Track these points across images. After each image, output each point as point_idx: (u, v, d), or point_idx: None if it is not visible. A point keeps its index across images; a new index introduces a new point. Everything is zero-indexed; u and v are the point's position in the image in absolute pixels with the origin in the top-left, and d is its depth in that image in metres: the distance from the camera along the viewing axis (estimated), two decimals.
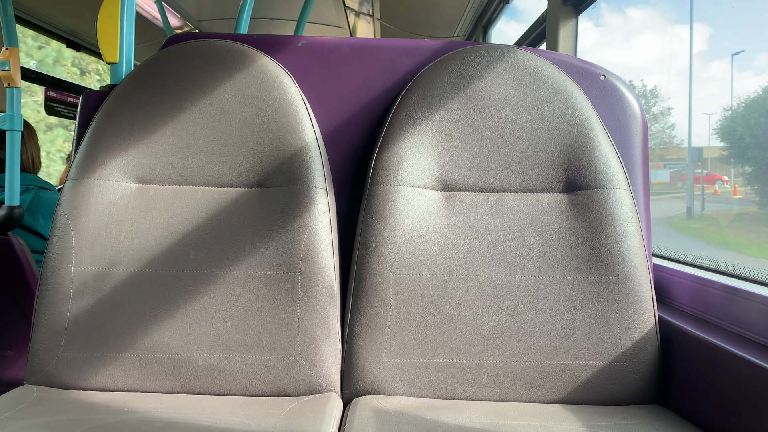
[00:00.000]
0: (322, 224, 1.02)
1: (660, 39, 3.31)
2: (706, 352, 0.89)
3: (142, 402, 0.92)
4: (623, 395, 0.97)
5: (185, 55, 1.09)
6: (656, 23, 3.51)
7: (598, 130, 1.05)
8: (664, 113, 2.65)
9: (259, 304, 0.99)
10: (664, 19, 3.49)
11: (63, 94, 3.39)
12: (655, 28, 3.43)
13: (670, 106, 2.61)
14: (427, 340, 0.99)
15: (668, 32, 3.27)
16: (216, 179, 1.05)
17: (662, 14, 3.45)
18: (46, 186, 1.95)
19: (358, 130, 1.15)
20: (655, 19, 3.45)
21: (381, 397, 0.98)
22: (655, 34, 3.33)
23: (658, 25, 3.50)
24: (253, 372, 0.98)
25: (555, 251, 1.01)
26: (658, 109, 2.67)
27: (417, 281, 1.00)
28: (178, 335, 0.98)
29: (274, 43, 1.16)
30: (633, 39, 3.56)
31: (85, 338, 0.97)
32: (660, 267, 1.16)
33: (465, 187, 1.06)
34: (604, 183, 1.02)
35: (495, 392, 0.98)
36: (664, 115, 2.65)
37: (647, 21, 3.48)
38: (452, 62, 1.09)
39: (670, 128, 2.65)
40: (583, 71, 1.12)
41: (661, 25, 3.45)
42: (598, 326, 0.98)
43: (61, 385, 0.98)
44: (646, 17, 3.52)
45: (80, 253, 1.00)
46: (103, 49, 1.20)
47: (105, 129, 1.05)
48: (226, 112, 1.06)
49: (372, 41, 1.18)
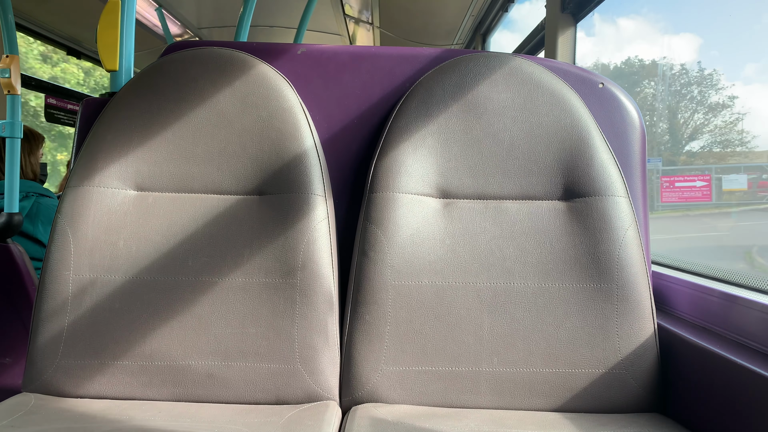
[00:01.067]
0: (321, 231, 1.02)
1: (650, 47, 3.30)
2: (706, 360, 0.89)
3: (139, 410, 0.92)
4: (622, 403, 0.97)
5: (185, 63, 1.09)
6: (647, 33, 3.51)
7: (596, 137, 1.05)
8: (724, 104, 2.16)
9: (257, 311, 0.99)
10: (655, 30, 3.49)
11: (63, 101, 3.40)
12: (645, 38, 3.44)
13: (733, 94, 2.11)
14: (426, 347, 0.98)
15: (659, 42, 3.25)
16: (215, 186, 1.05)
17: (653, 24, 3.46)
18: (46, 193, 1.95)
19: (357, 138, 1.15)
20: (646, 29, 3.47)
21: (380, 405, 0.97)
22: (646, 44, 3.32)
23: (649, 34, 3.50)
24: (252, 380, 0.97)
25: (554, 259, 1.01)
26: (717, 99, 2.21)
27: (416, 289, 1.00)
28: (176, 343, 0.97)
29: (274, 50, 1.16)
30: (624, 48, 3.56)
31: (83, 346, 0.97)
32: (659, 274, 1.16)
33: (464, 195, 1.06)
34: (603, 191, 1.02)
35: (494, 400, 0.98)
36: (723, 107, 2.18)
37: (638, 30, 3.49)
38: (451, 70, 1.09)
39: (734, 122, 2.15)
40: (582, 79, 1.13)
41: (651, 34, 3.45)
42: (597, 334, 0.97)
43: (58, 392, 0.97)
44: (637, 26, 3.54)
45: (79, 260, 0.99)
46: (103, 56, 1.20)
47: (104, 136, 1.05)
48: (226, 120, 1.06)
49: (371, 49, 1.18)
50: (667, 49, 2.68)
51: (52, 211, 1.90)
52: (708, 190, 2.27)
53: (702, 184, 2.28)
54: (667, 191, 2.34)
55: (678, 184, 2.34)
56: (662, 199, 2.33)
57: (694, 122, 2.50)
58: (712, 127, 2.29)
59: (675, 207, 2.32)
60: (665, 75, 2.56)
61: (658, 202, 2.33)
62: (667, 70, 2.52)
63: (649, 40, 3.36)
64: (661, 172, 2.45)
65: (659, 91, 2.65)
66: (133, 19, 1.26)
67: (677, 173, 2.45)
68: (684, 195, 2.30)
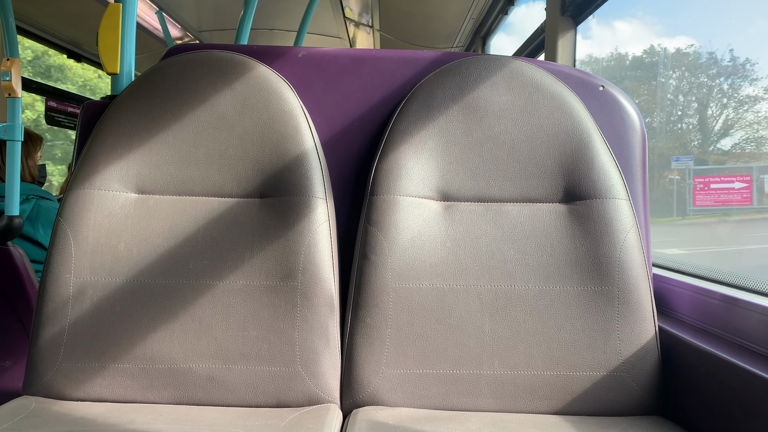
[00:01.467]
0: (321, 234, 1.02)
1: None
2: (707, 362, 0.89)
3: (140, 413, 0.92)
4: (624, 406, 0.97)
5: (186, 66, 1.09)
6: (643, 35, 3.49)
7: (597, 140, 1.05)
8: (758, 98, 1.94)
9: (258, 314, 0.99)
10: (651, 32, 3.47)
11: (63, 104, 3.41)
12: (641, 40, 3.41)
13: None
14: (427, 350, 0.98)
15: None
16: (216, 189, 1.05)
17: (649, 27, 3.45)
18: (47, 195, 1.95)
19: (358, 141, 1.15)
20: (642, 32, 3.45)
21: (380, 408, 0.97)
22: (642, 45, 3.30)
23: (645, 37, 3.47)
24: (253, 383, 0.97)
25: (555, 261, 1.01)
26: (750, 92, 1.98)
27: (417, 291, 1.00)
28: (177, 346, 0.97)
29: (275, 53, 1.16)
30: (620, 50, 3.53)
31: (83, 349, 0.97)
32: (660, 277, 1.16)
33: (464, 197, 1.06)
34: (604, 193, 1.02)
35: (495, 403, 0.98)
36: (757, 101, 1.95)
37: (634, 33, 3.47)
38: (452, 73, 1.09)
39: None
40: (582, 82, 1.13)
41: (648, 37, 3.42)
42: (598, 336, 0.97)
43: (59, 396, 0.97)
44: (633, 30, 3.53)
45: (80, 263, 0.99)
46: (104, 59, 1.20)
47: (105, 139, 1.06)
48: (227, 123, 1.06)
49: (372, 52, 1.18)
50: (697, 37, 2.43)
51: (53, 213, 1.90)
52: (748, 192, 2.07)
53: (742, 185, 2.07)
54: (701, 194, 2.16)
55: (714, 186, 2.14)
56: (695, 203, 2.15)
57: (727, 116, 2.18)
58: (748, 120, 2.04)
59: (709, 212, 2.12)
60: (695, 63, 2.32)
61: (690, 205, 2.13)
62: (694, 60, 2.29)
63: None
64: (694, 172, 2.23)
65: (684, 81, 2.40)
66: (134, 22, 1.26)
67: (713, 173, 2.19)
68: (720, 198, 2.11)
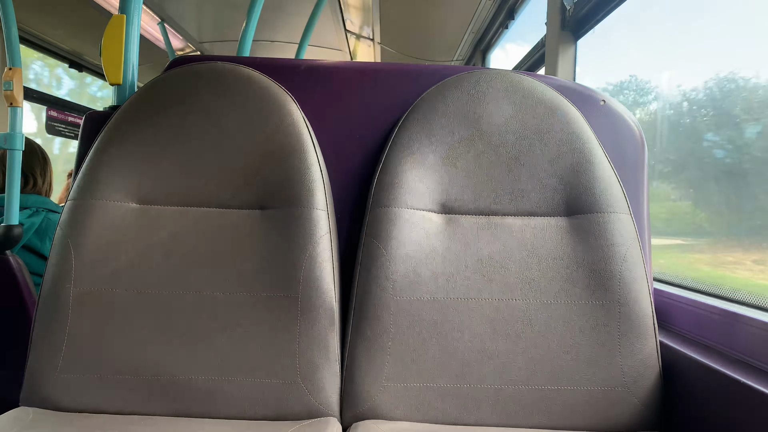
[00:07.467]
0: (323, 246, 1.02)
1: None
2: (708, 377, 0.88)
3: (139, 425, 0.91)
4: (625, 421, 0.96)
5: (188, 77, 1.10)
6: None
7: (598, 154, 1.06)
8: None
9: (258, 326, 0.98)
10: None
11: (64, 113, 3.41)
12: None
13: None
14: (428, 364, 0.98)
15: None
16: (218, 200, 1.05)
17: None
18: (56, 209, 1.94)
19: (360, 153, 1.16)
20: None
21: (381, 422, 0.97)
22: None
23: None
24: (252, 396, 0.97)
25: (555, 275, 1.01)
26: None
27: (417, 304, 0.99)
28: (177, 357, 0.97)
29: (277, 65, 1.17)
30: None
31: (82, 360, 0.97)
32: (661, 292, 1.16)
33: (466, 210, 1.06)
34: (605, 207, 1.03)
35: (496, 418, 0.97)
36: None
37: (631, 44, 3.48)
38: (453, 86, 1.10)
39: None
40: (583, 96, 1.13)
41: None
42: (599, 351, 0.97)
43: (57, 407, 0.96)
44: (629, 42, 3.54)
45: (80, 273, 0.99)
46: (107, 70, 1.21)
47: (107, 150, 1.06)
48: (229, 134, 1.06)
49: (373, 65, 1.19)
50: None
51: None
52: None
53: None
54: None
55: None
56: None
57: None
58: None
59: None
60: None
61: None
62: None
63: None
64: None
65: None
66: (138, 33, 1.27)
67: None
68: None
